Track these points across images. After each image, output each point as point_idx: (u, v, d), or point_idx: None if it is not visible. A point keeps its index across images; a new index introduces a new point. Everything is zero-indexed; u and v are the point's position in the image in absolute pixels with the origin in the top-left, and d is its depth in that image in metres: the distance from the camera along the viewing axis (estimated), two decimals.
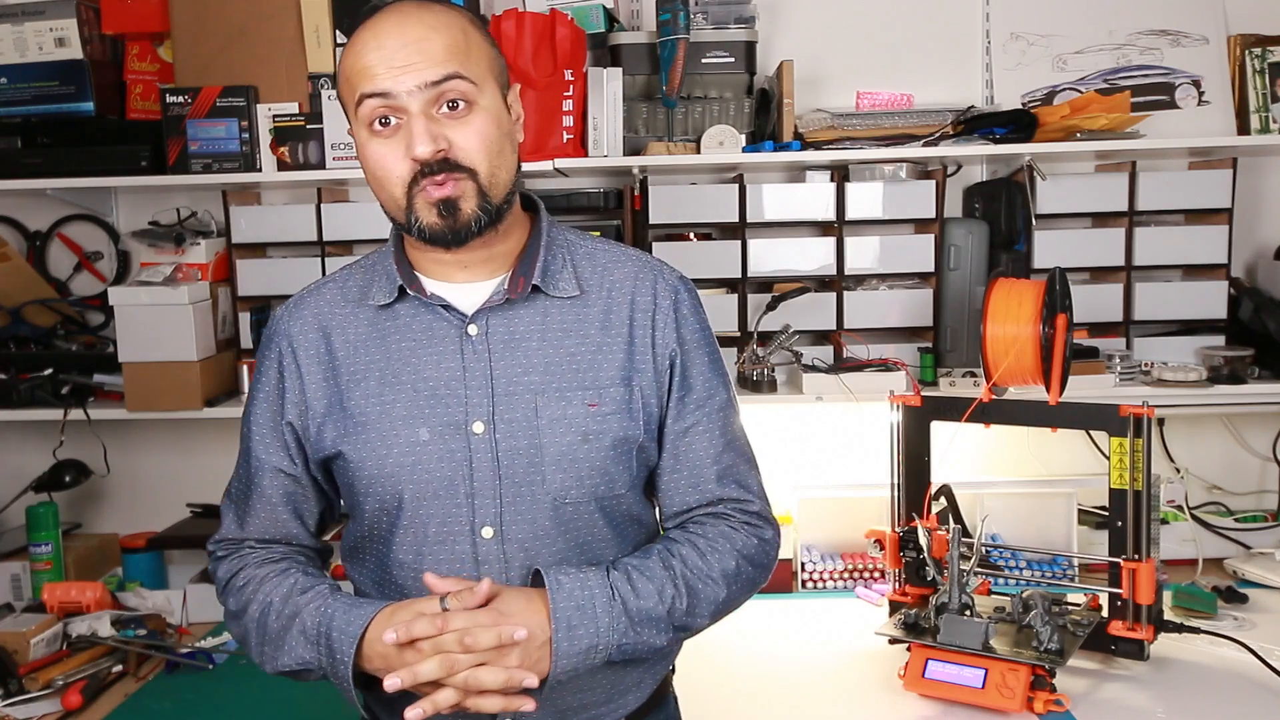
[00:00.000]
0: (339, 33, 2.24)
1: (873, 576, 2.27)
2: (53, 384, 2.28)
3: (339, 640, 1.20)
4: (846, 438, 2.42)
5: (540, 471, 1.25)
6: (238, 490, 1.39)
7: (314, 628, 1.23)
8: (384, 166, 1.21)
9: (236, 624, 1.33)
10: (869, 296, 2.28)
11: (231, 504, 1.39)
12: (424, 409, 1.26)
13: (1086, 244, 2.28)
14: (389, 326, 1.30)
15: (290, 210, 2.32)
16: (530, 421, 1.25)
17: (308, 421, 1.31)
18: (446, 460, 1.25)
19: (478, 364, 1.26)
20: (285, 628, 1.25)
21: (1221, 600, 2.06)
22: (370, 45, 1.20)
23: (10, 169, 2.23)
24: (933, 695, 1.74)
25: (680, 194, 2.26)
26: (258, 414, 1.35)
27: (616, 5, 2.33)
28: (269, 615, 1.27)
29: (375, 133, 1.21)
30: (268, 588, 1.29)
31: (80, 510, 2.53)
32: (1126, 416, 1.79)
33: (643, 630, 1.24)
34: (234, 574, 1.35)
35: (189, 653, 1.98)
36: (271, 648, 1.26)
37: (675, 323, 1.32)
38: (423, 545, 1.27)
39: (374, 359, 1.29)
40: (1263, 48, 2.28)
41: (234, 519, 1.39)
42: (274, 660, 1.26)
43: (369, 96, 1.19)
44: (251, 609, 1.29)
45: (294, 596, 1.27)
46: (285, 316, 1.36)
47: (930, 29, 2.38)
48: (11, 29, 2.26)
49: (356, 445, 1.28)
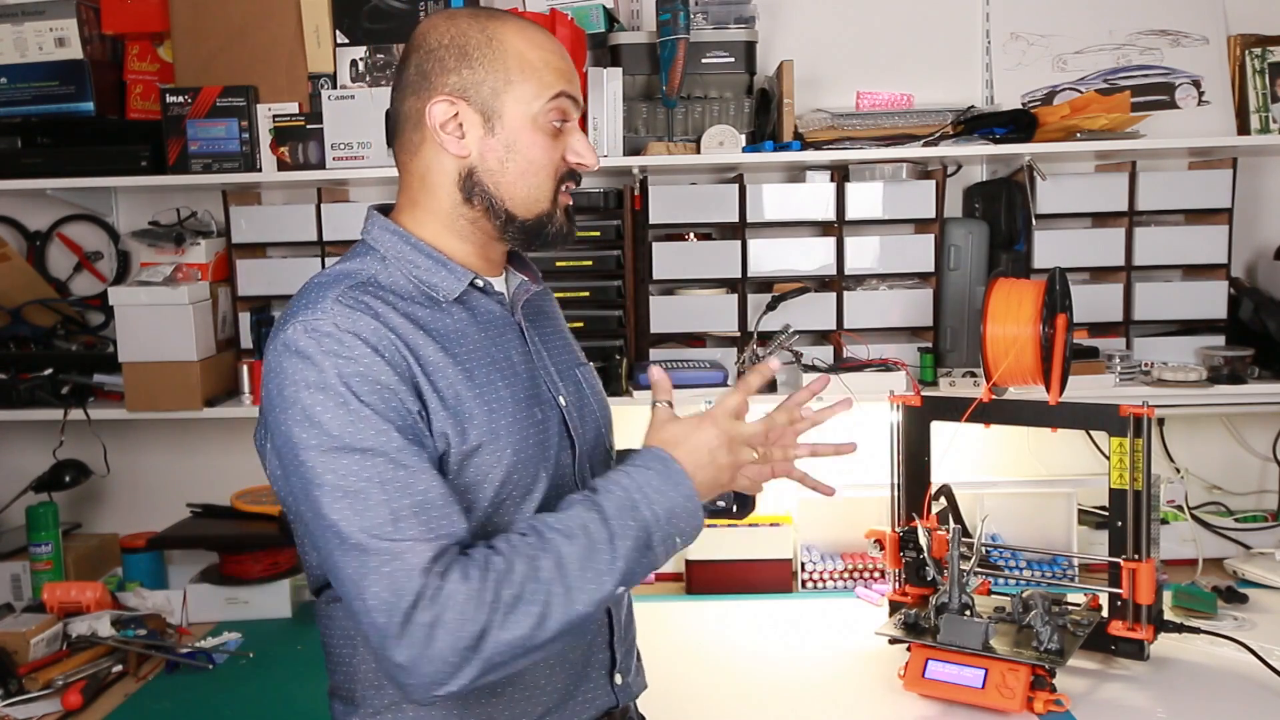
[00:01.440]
0: (339, 33, 2.24)
1: (873, 576, 2.27)
2: (53, 384, 2.28)
3: (665, 473, 1.17)
4: (846, 438, 2.41)
5: (600, 431, 1.39)
6: (394, 513, 1.10)
7: (625, 500, 1.14)
8: (548, 160, 1.26)
9: (522, 609, 1.09)
10: (869, 296, 2.28)
11: (389, 542, 1.08)
12: (529, 389, 1.29)
13: (1086, 244, 2.28)
14: (462, 318, 1.26)
15: (290, 210, 2.32)
16: (581, 391, 1.38)
17: (430, 416, 1.17)
18: (557, 434, 1.30)
19: (533, 347, 1.33)
20: (600, 540, 1.12)
21: (1221, 600, 2.06)
22: (554, 50, 1.26)
23: (10, 169, 2.23)
24: (933, 695, 1.74)
25: (680, 194, 2.26)
26: (372, 416, 1.12)
27: (616, 5, 2.33)
28: (565, 552, 1.11)
29: (549, 129, 1.25)
30: (533, 541, 1.12)
31: (80, 510, 2.53)
32: (1126, 416, 1.79)
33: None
34: (482, 571, 1.09)
35: (189, 653, 1.98)
36: (594, 568, 1.11)
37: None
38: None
39: (468, 350, 1.25)
40: (1263, 48, 2.28)
41: (418, 542, 1.09)
42: (610, 568, 1.11)
43: (569, 96, 1.25)
44: (543, 566, 1.10)
45: (566, 520, 1.14)
46: (338, 317, 1.15)
47: (930, 29, 2.38)
48: (11, 29, 2.26)
49: (496, 435, 1.21)
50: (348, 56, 2.25)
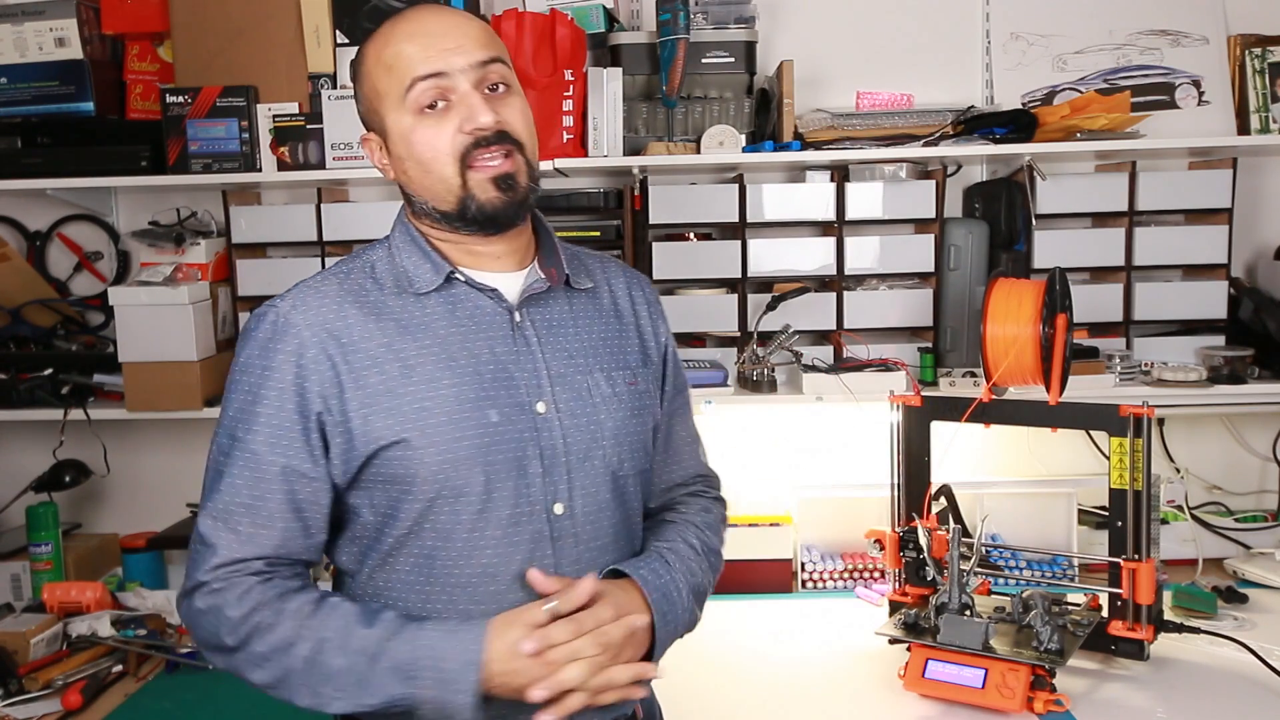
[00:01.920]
0: (339, 33, 2.24)
1: (873, 576, 2.27)
2: (53, 384, 2.28)
3: (456, 670, 1.16)
4: (846, 438, 2.42)
5: (601, 446, 1.30)
6: (234, 504, 1.23)
7: (410, 662, 1.17)
8: (434, 146, 1.22)
9: (267, 667, 1.20)
10: (869, 296, 2.28)
11: (221, 523, 1.23)
12: (489, 391, 1.25)
13: (1086, 244, 2.28)
14: (433, 313, 1.27)
15: (290, 210, 2.32)
16: (586, 400, 1.31)
17: (348, 413, 1.22)
18: (516, 441, 1.25)
19: (528, 349, 1.29)
20: (363, 666, 1.17)
21: (1221, 600, 2.06)
22: (412, 34, 1.23)
23: (10, 169, 2.23)
24: (933, 695, 1.74)
25: (680, 194, 2.26)
26: (266, 414, 1.23)
27: (616, 5, 2.33)
28: (326, 653, 1.18)
29: (425, 115, 1.23)
30: (313, 623, 1.19)
31: (80, 510, 2.53)
32: (1126, 416, 1.79)
33: (699, 607, 1.37)
34: (252, 610, 1.20)
35: (189, 653, 1.98)
36: (339, 688, 1.18)
37: (661, 319, 1.45)
38: (497, 529, 1.24)
39: (425, 344, 1.25)
40: (1263, 48, 2.28)
41: (233, 538, 1.22)
42: (353, 699, 1.18)
43: (421, 79, 1.21)
44: (298, 649, 1.18)
45: (356, 629, 1.19)
46: (298, 308, 1.25)
47: (930, 29, 2.38)
48: (11, 29, 2.26)
49: (424, 430, 1.22)
50: (348, 56, 2.23)
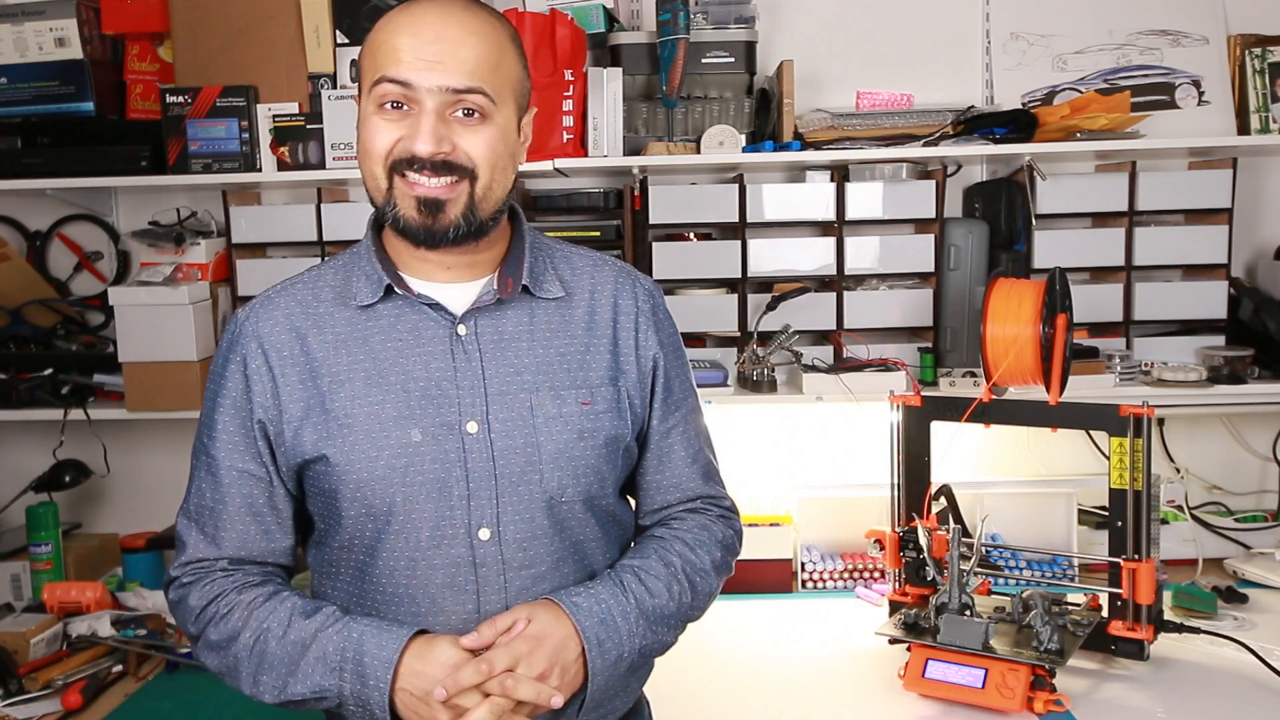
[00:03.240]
0: (339, 33, 2.24)
1: (873, 576, 2.27)
2: (53, 384, 2.28)
3: (373, 666, 1.17)
4: (846, 438, 2.42)
5: (538, 470, 1.24)
6: (200, 506, 1.28)
7: (337, 653, 1.18)
8: (374, 142, 1.20)
9: (219, 654, 1.24)
10: (869, 296, 2.28)
11: (193, 523, 1.29)
12: (415, 409, 1.23)
13: (1086, 244, 2.28)
14: (372, 326, 1.26)
15: (290, 210, 2.32)
16: (526, 420, 1.24)
17: (282, 425, 1.25)
18: (440, 461, 1.22)
19: (468, 364, 1.25)
20: (295, 654, 1.19)
21: (1221, 600, 2.06)
22: (406, 28, 1.18)
23: (10, 169, 2.23)
24: (933, 695, 1.74)
25: (680, 194, 2.26)
26: (222, 421, 1.27)
27: (616, 5, 2.33)
28: (267, 642, 1.21)
29: (383, 113, 1.20)
30: (260, 613, 1.22)
31: (80, 510, 2.53)
32: (1126, 416, 1.79)
33: (658, 629, 1.28)
34: (211, 600, 1.25)
35: (189, 653, 1.98)
36: (274, 676, 1.20)
37: (654, 327, 1.36)
38: (415, 551, 1.23)
39: (357, 359, 1.25)
40: (1263, 48, 2.28)
41: (201, 538, 1.28)
42: (280, 689, 1.20)
43: (389, 81, 1.18)
44: (243, 636, 1.22)
45: (297, 620, 1.21)
46: (250, 318, 1.28)
47: (930, 29, 2.38)
48: (11, 29, 2.26)
49: (343, 447, 1.22)
50: (348, 56, 2.24)
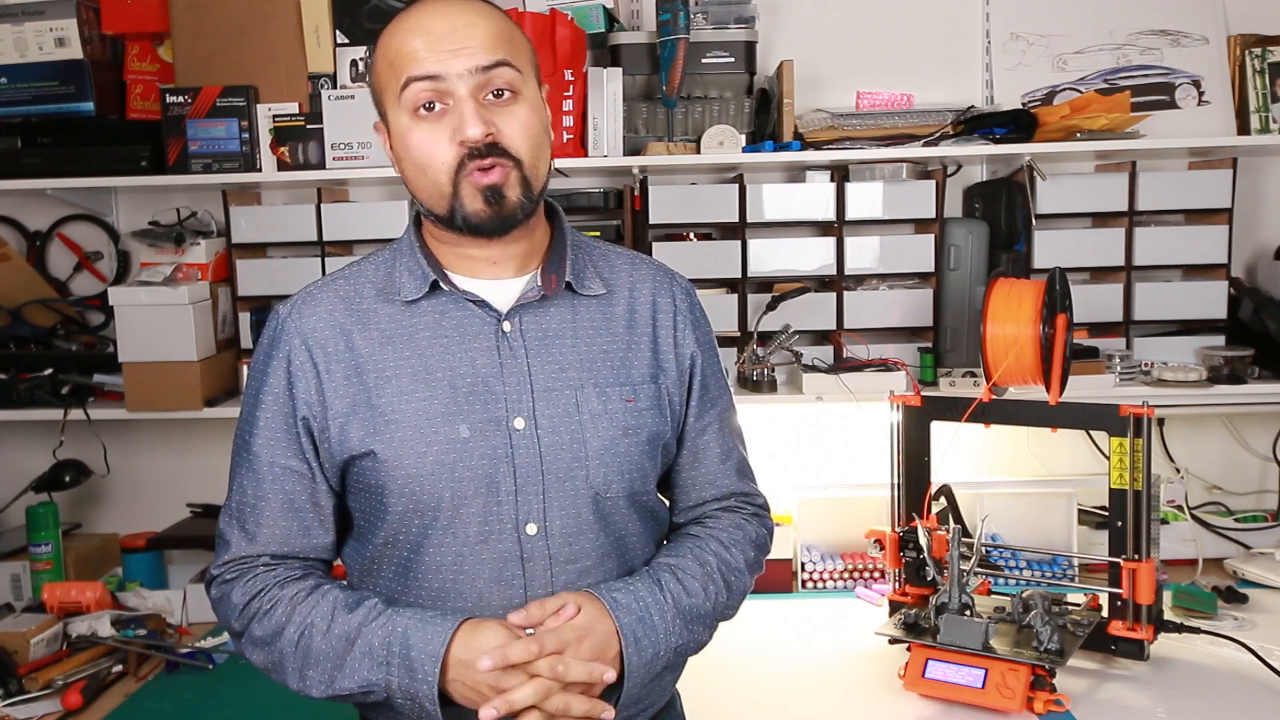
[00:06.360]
0: (339, 33, 2.24)
1: (873, 576, 2.27)
2: (53, 384, 2.29)
3: (421, 659, 1.16)
4: (846, 438, 2.42)
5: (584, 466, 1.25)
6: (242, 504, 1.29)
7: (383, 647, 1.18)
8: (428, 153, 1.19)
9: (264, 650, 1.24)
10: (869, 296, 2.28)
11: (235, 521, 1.29)
12: (462, 406, 1.23)
13: (1086, 244, 2.28)
14: (417, 323, 1.26)
15: (290, 210, 2.32)
16: (572, 417, 1.25)
17: (327, 421, 1.24)
18: (488, 457, 1.23)
19: (514, 360, 1.25)
20: (341, 649, 1.19)
21: (1221, 600, 2.06)
22: (417, 30, 1.19)
23: (10, 169, 2.23)
24: (933, 695, 1.74)
25: (680, 194, 2.26)
26: (264, 418, 1.27)
27: (616, 5, 2.33)
28: (312, 637, 1.20)
29: (420, 118, 1.19)
30: (304, 608, 1.22)
31: (80, 510, 2.53)
32: (1126, 416, 1.79)
33: (694, 628, 1.29)
34: (254, 596, 1.25)
35: (189, 653, 1.98)
36: (320, 671, 1.19)
37: (692, 325, 1.37)
38: (463, 546, 1.23)
39: (404, 355, 1.25)
40: (1263, 48, 2.28)
41: (242, 535, 1.28)
42: (328, 684, 1.19)
43: (417, 80, 1.18)
44: (288, 632, 1.21)
45: (340, 614, 1.21)
46: (293, 315, 1.28)
47: (930, 29, 2.39)
48: (11, 29, 2.26)
49: (391, 443, 1.22)
50: (348, 56, 2.24)
